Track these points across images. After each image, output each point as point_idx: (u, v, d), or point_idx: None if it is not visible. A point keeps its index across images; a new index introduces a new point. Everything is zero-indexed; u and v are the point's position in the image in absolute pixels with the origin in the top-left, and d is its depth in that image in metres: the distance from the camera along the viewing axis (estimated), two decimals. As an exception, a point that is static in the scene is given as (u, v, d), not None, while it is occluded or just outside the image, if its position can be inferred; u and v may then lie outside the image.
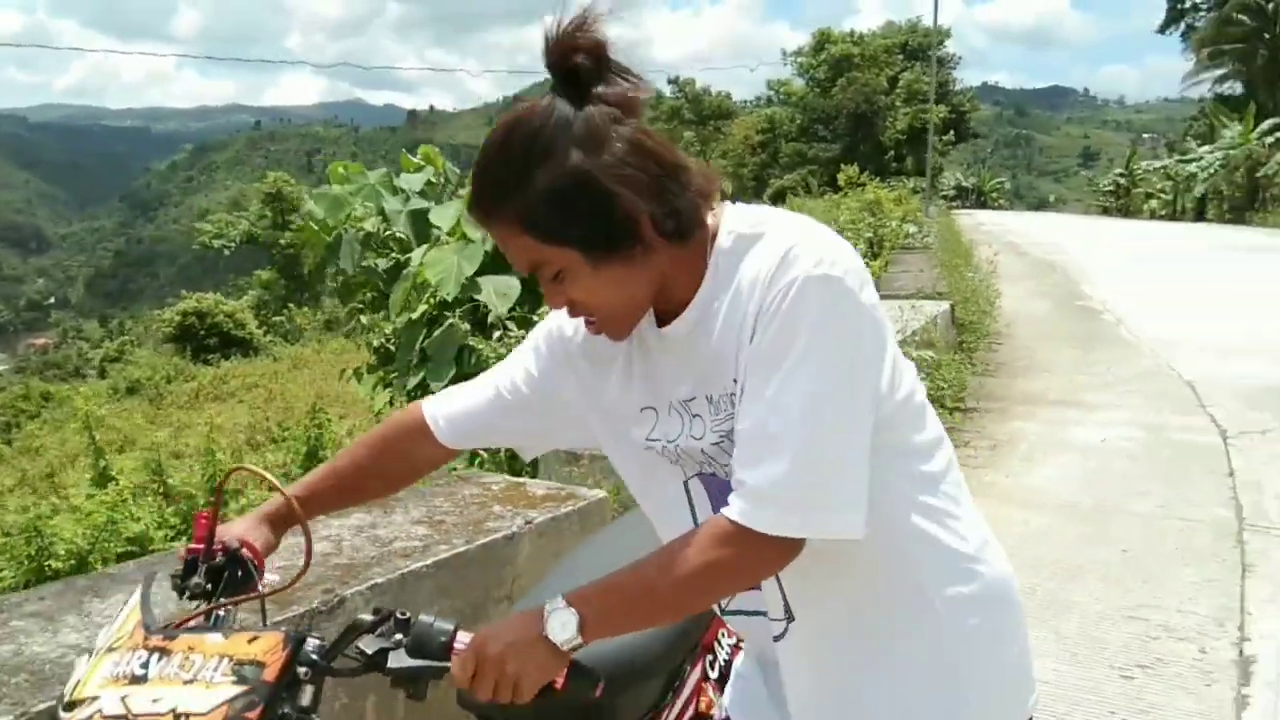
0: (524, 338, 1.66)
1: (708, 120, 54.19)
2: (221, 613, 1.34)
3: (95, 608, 2.16)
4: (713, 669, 1.92)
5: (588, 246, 1.18)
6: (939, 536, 1.30)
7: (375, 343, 6.86)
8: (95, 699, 1.13)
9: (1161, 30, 58.49)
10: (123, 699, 1.12)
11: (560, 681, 1.18)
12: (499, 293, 5.91)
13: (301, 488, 1.55)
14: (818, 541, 1.18)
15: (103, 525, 4.82)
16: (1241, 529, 4.63)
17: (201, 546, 1.39)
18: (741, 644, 2.03)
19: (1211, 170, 40.04)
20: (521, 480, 3.37)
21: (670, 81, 56.61)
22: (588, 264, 1.19)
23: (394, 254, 7.03)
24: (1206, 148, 42.75)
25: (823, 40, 50.41)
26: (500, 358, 5.48)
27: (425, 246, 6.28)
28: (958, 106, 49.36)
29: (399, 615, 1.20)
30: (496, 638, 1.16)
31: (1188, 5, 56.52)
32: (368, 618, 1.20)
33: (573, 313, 1.28)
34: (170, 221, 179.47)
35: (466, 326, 5.41)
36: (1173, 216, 45.33)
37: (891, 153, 44.53)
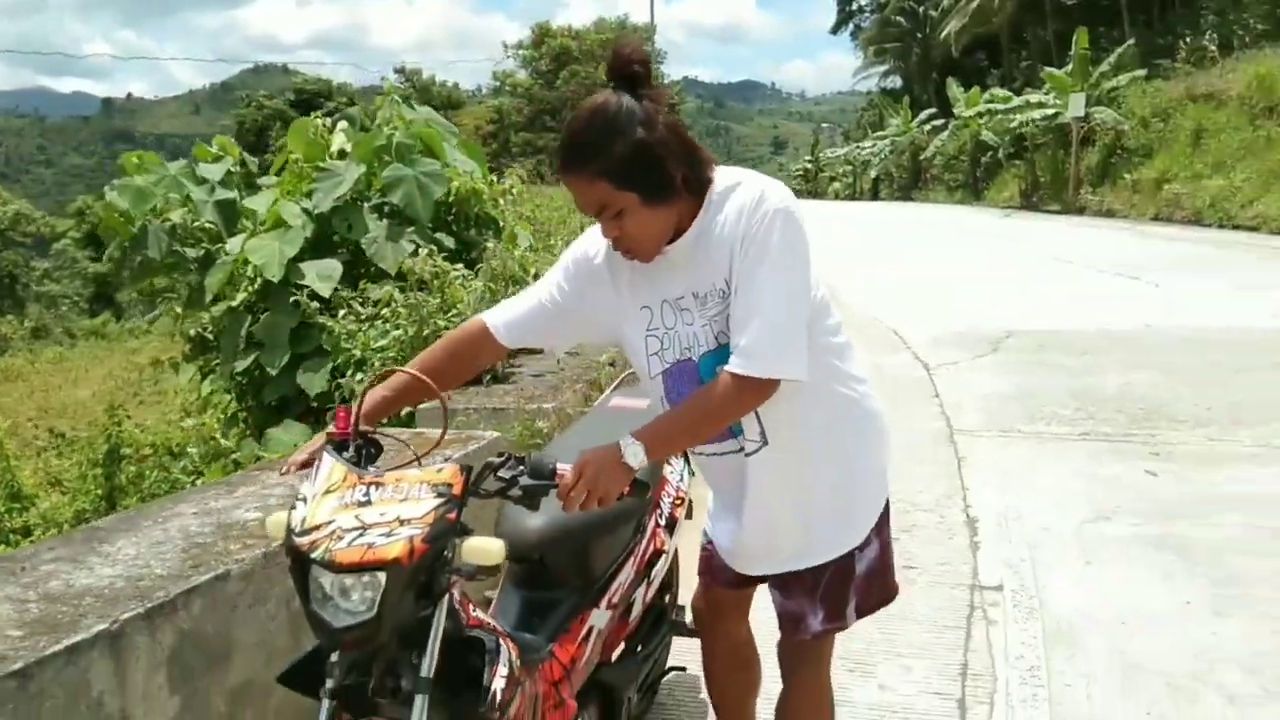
0: (365, 313, 2.28)
1: (437, 110, 53.50)
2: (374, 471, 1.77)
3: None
4: (661, 518, 2.54)
5: (645, 193, 1.70)
6: (848, 383, 1.97)
7: (191, 332, 6.80)
8: (330, 522, 1.53)
9: (834, 30, 63.53)
10: (356, 516, 1.54)
11: (628, 490, 1.72)
12: (321, 276, 6.08)
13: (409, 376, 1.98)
14: (784, 385, 1.79)
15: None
16: (952, 434, 5.75)
17: (346, 431, 1.81)
18: (681, 498, 2.68)
19: (883, 155, 44.34)
20: (422, 430, 3.70)
21: (397, 71, 55.59)
22: (644, 207, 1.71)
23: (204, 244, 6.98)
24: (878, 135, 47.22)
25: (542, 34, 51.08)
26: (348, 334, 5.79)
27: (245, 234, 6.32)
28: (667, 100, 51.44)
29: (516, 456, 1.70)
30: (590, 464, 1.69)
31: (854, 8, 61.60)
32: (496, 459, 1.70)
33: (619, 244, 1.77)
34: None
35: (316, 305, 5.59)
36: (853, 196, 49.73)
37: (615, 141, 45.89)
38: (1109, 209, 22.27)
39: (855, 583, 2.00)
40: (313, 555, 1.50)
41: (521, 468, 1.68)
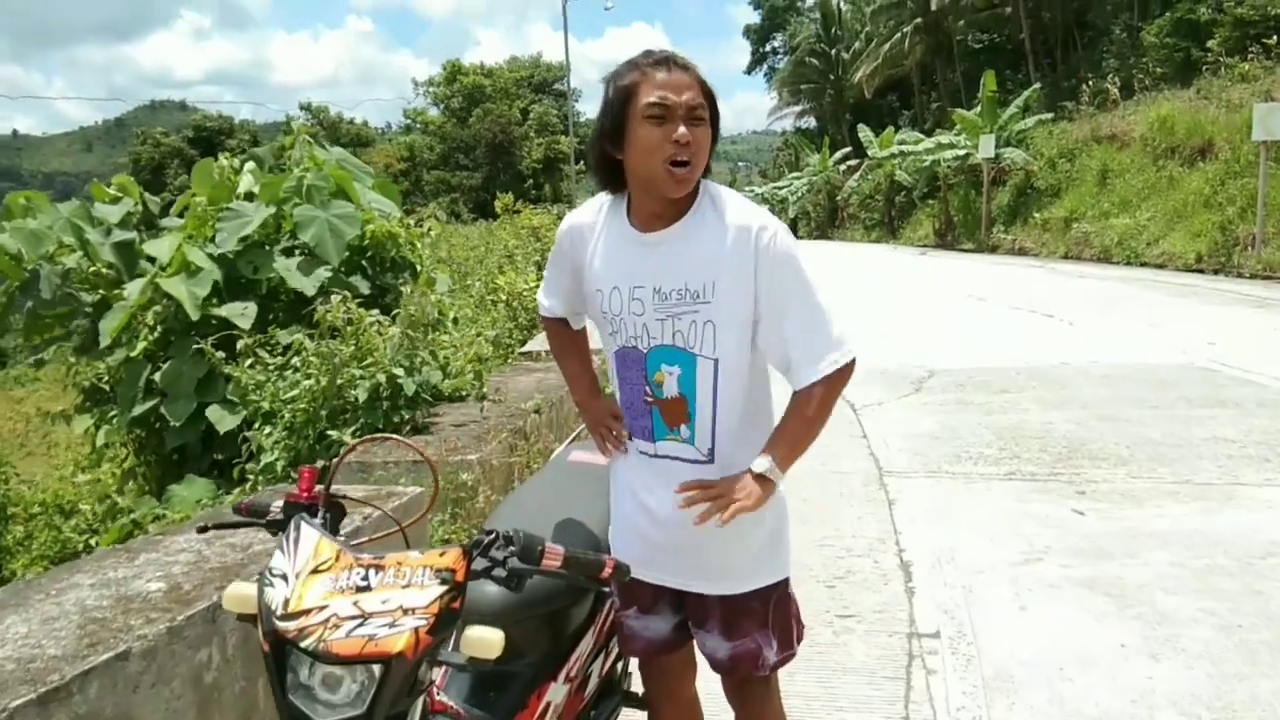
0: (274, 362, 2.36)
1: (345, 147, 52.99)
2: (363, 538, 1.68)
3: None
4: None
5: (712, 127, 1.96)
6: (773, 409, 2.11)
7: (85, 382, 6.49)
8: (324, 607, 1.44)
9: (748, 71, 64.86)
10: (354, 603, 1.44)
11: (607, 572, 1.67)
12: (235, 315, 5.90)
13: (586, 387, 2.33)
14: (736, 403, 2.00)
15: None
16: (881, 475, 5.80)
17: (314, 496, 1.75)
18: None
19: (800, 194, 45.26)
20: (377, 486, 3.53)
21: (302, 108, 54.95)
22: (709, 136, 1.93)
23: (100, 289, 6.69)
24: (794, 174, 48.20)
25: (454, 71, 51.14)
26: (257, 383, 5.59)
27: (146, 278, 6.08)
28: (584, 137, 51.86)
29: (505, 534, 1.60)
30: (728, 482, 1.95)
31: (768, 50, 63.07)
32: (485, 537, 1.60)
33: (686, 149, 1.88)
34: None
35: (221, 354, 5.38)
36: (771, 234, 50.19)
37: (530, 180, 46.10)
38: (1021, 247, 23.01)
39: (794, 609, 2.17)
40: (302, 644, 1.40)
41: (511, 548, 1.60)
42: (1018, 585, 4.13)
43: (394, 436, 2.03)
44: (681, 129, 1.87)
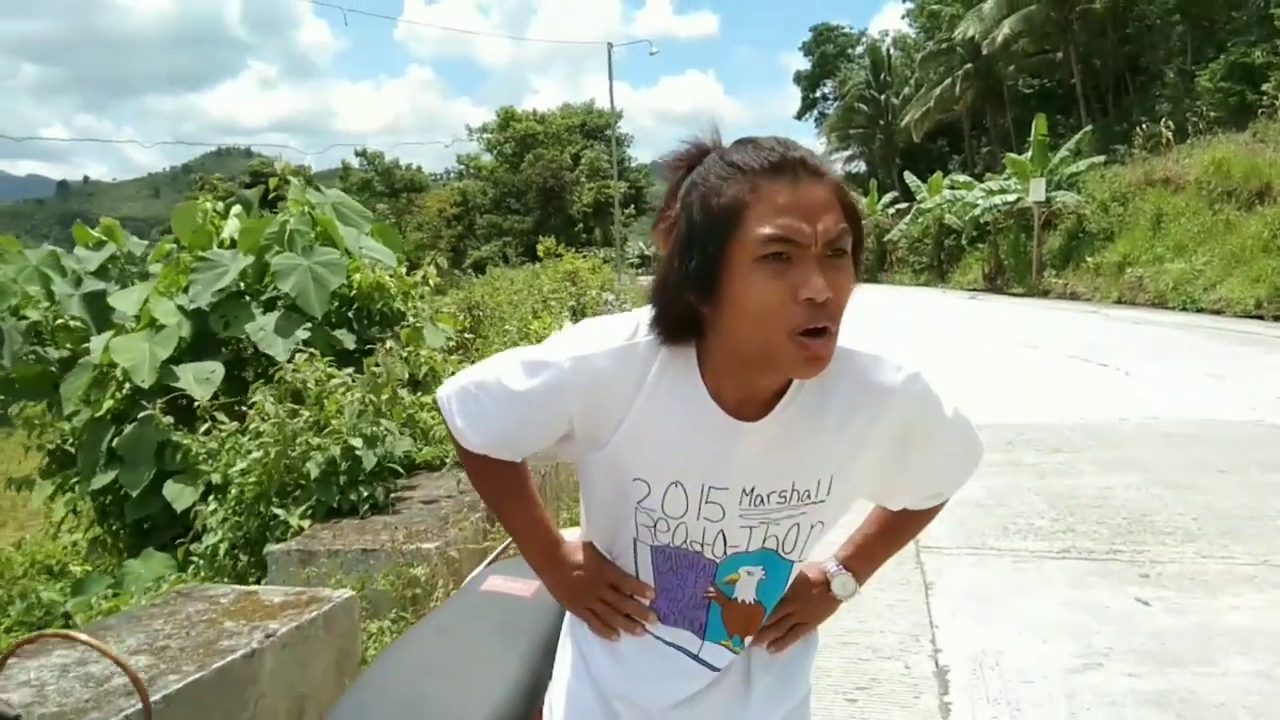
0: (228, 429, 1.60)
1: (400, 193, 53.42)
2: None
3: None
4: None
5: (855, 257, 1.25)
6: None
7: (50, 445, 6.00)
8: None
9: (798, 117, 64.65)
10: None
11: None
12: (199, 378, 5.35)
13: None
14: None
15: None
16: (918, 550, 5.07)
17: None
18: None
19: (848, 237, 44.25)
20: (253, 589, 2.96)
21: (358, 154, 55.45)
22: (853, 274, 1.24)
23: (67, 344, 6.21)
24: (842, 218, 47.28)
25: (507, 118, 51.34)
26: (209, 452, 5.02)
27: (109, 333, 5.57)
28: (635, 182, 51.81)
29: None
30: (795, 602, 1.53)
31: (818, 95, 62.74)
32: None
33: (822, 311, 1.19)
34: None
35: (169, 420, 4.85)
36: (819, 277, 49.40)
37: (580, 224, 45.92)
38: (1073, 291, 22.04)
39: None
40: None
41: None
42: (1074, 701, 3.40)
43: (74, 634, 1.35)
44: (818, 280, 1.17)
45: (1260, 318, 14.99)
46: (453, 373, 5.79)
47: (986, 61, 37.34)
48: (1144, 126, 25.40)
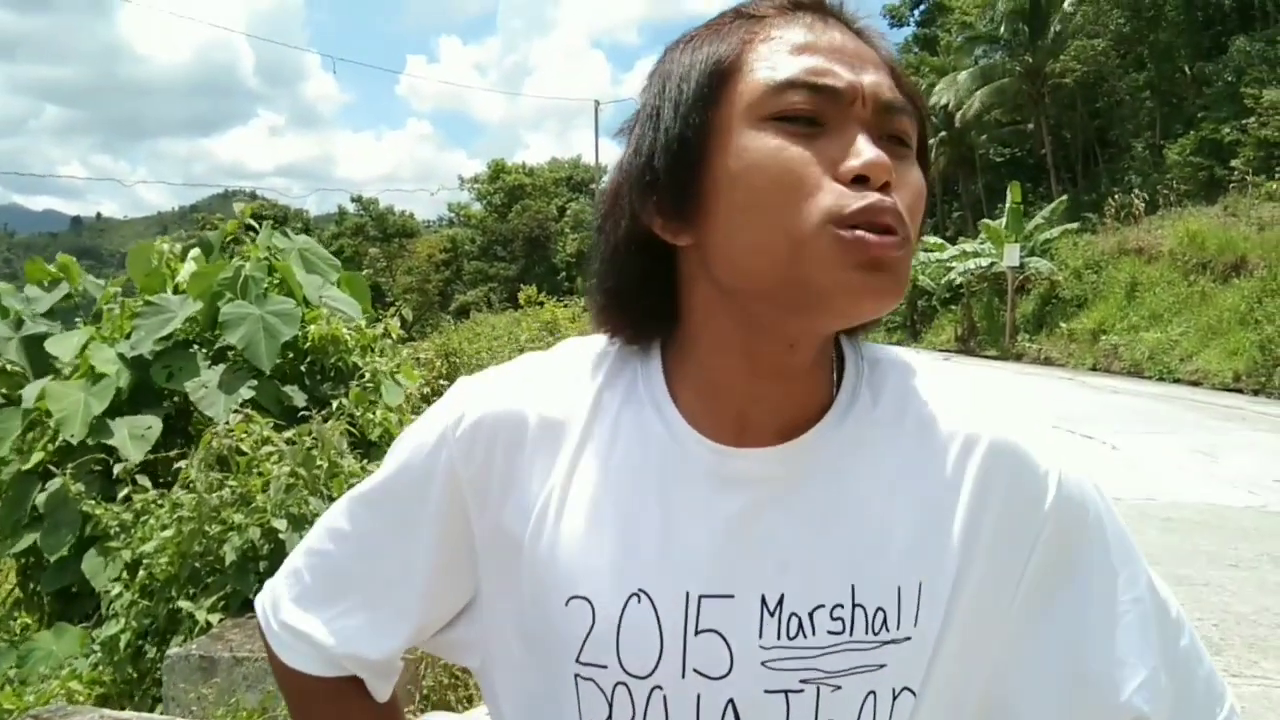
0: (146, 498, 0.94)
1: (392, 238, 53.06)
2: None
3: None
4: None
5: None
6: None
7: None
8: None
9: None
10: None
11: None
12: (134, 435, 4.68)
13: None
14: None
15: None
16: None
17: None
18: None
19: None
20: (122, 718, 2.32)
21: (354, 200, 55.12)
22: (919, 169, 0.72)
23: (2, 390, 5.44)
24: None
25: (497, 170, 51.21)
26: (123, 525, 4.32)
27: (44, 380, 4.90)
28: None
29: None
30: None
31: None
32: None
33: (881, 209, 0.66)
34: None
35: (79, 487, 4.17)
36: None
37: (563, 273, 45.51)
38: (1047, 357, 21.60)
39: None
40: None
41: None
42: None
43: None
44: (870, 147, 0.67)
45: (1239, 391, 14.52)
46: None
47: (959, 130, 37.33)
48: (1115, 197, 25.21)
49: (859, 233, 0.64)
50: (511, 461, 0.76)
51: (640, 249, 0.74)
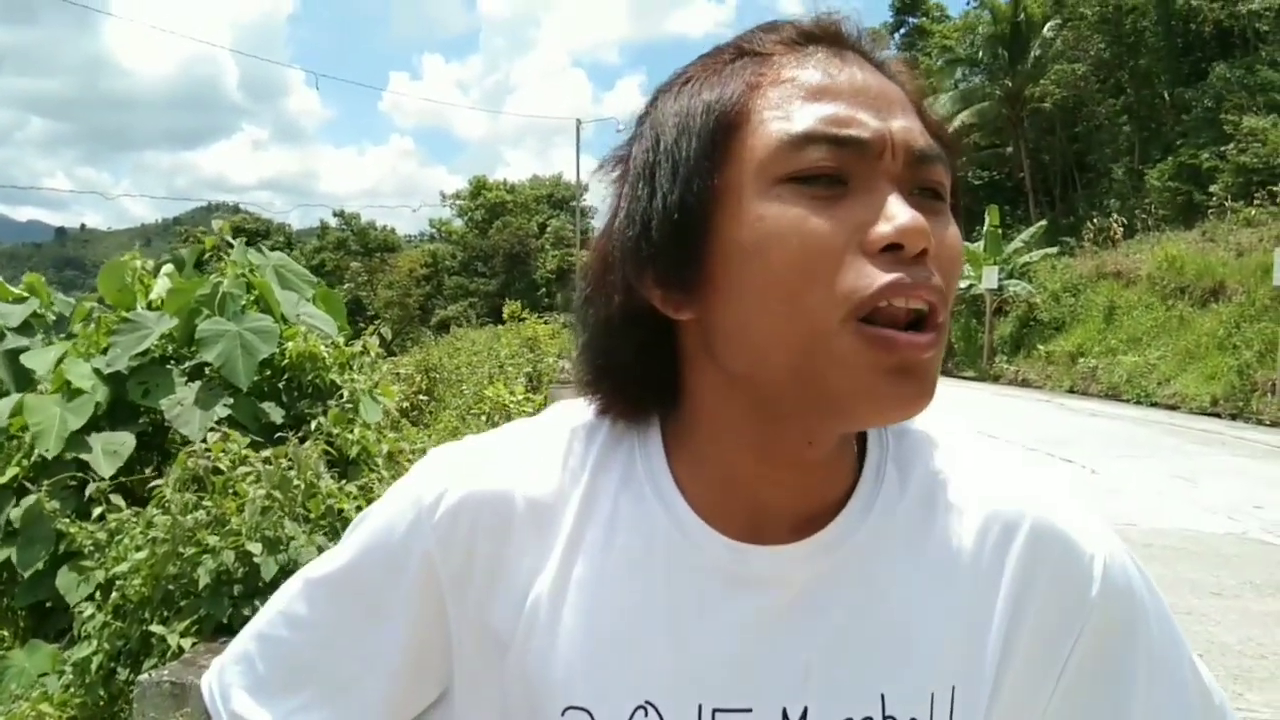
0: (120, 517, 0.88)
1: (374, 252, 52.90)
2: None
3: None
4: None
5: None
6: None
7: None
8: None
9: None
10: None
11: None
12: (108, 450, 4.60)
13: None
14: None
15: None
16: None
17: None
18: None
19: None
20: None
21: (336, 214, 54.94)
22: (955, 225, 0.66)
23: None
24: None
25: (479, 187, 51.20)
26: (98, 544, 4.23)
27: (22, 394, 4.83)
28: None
29: None
30: None
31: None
32: None
33: (919, 267, 0.60)
34: None
35: (54, 504, 4.09)
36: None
37: (543, 289, 45.47)
38: (1024, 378, 21.73)
39: None
40: None
41: None
42: None
43: None
44: (904, 208, 0.60)
45: (1217, 415, 14.65)
46: (389, 452, 5.08)
47: (941, 152, 37.66)
48: (1094, 220, 25.46)
49: (886, 331, 0.58)
50: (497, 550, 0.69)
51: (637, 323, 0.67)
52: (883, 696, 0.66)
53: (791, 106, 0.61)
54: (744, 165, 0.61)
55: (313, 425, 4.28)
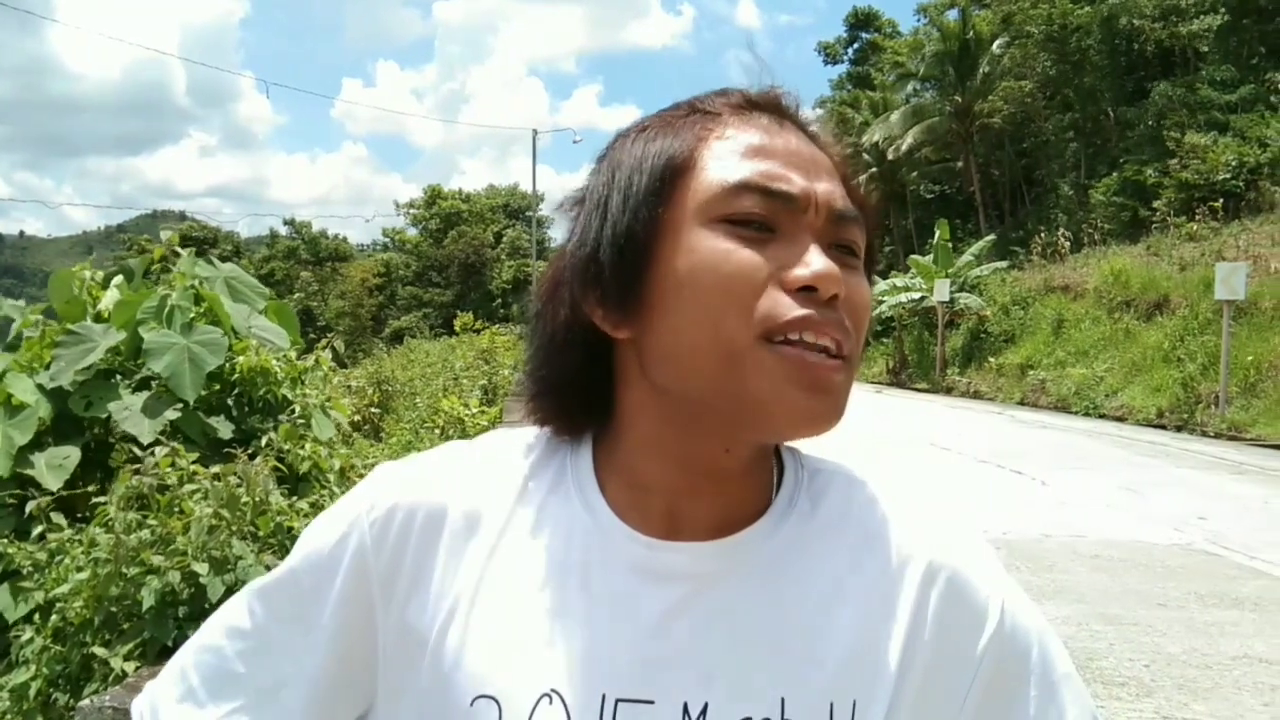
0: (60, 537, 0.89)
1: (325, 261, 52.33)
2: None
3: None
4: None
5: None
6: None
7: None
8: None
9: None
10: None
11: None
12: (52, 464, 4.50)
13: None
14: None
15: None
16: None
17: None
18: None
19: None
20: None
21: (286, 223, 54.30)
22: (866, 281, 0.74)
23: None
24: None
25: (434, 195, 50.91)
26: (37, 565, 4.12)
27: (-45, 411, 4.69)
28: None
29: None
30: None
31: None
32: None
33: (830, 307, 0.67)
34: None
35: (-8, 524, 3.99)
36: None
37: (499, 300, 45.29)
38: (976, 390, 22.08)
39: None
40: None
41: None
42: None
43: None
44: (820, 257, 0.67)
45: (1162, 427, 14.98)
46: (341, 467, 5.01)
47: (891, 166, 38.20)
48: (1042, 234, 25.98)
49: (798, 350, 0.65)
50: (425, 554, 0.73)
51: (579, 339, 0.74)
52: (783, 700, 0.68)
53: (733, 160, 0.69)
54: (686, 204, 0.69)
55: (263, 441, 4.20)
